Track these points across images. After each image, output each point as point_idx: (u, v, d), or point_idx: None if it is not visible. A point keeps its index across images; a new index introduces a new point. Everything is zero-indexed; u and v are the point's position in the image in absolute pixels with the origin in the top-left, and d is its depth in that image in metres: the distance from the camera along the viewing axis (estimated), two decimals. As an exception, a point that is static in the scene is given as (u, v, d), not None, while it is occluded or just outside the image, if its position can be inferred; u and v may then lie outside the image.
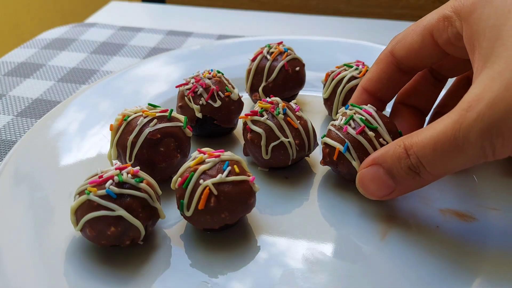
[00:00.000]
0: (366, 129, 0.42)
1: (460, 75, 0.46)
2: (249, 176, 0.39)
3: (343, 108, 0.45)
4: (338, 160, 0.42)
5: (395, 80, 0.45)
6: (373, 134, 0.42)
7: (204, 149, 0.41)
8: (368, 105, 0.44)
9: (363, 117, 0.43)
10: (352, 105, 0.45)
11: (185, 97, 0.50)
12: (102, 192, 0.36)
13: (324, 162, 0.44)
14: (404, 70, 0.44)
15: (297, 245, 0.40)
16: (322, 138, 0.44)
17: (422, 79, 0.47)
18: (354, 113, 0.43)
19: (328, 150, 0.43)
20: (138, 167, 0.39)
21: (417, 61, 0.43)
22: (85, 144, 0.50)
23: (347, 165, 0.42)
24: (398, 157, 0.36)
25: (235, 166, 0.39)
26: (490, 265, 0.37)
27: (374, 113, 0.43)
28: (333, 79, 0.52)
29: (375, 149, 0.41)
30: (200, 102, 0.49)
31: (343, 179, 0.46)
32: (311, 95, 0.60)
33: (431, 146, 0.34)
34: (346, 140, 0.42)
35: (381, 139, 0.42)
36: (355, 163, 0.41)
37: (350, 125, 0.43)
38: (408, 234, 0.40)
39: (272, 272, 0.37)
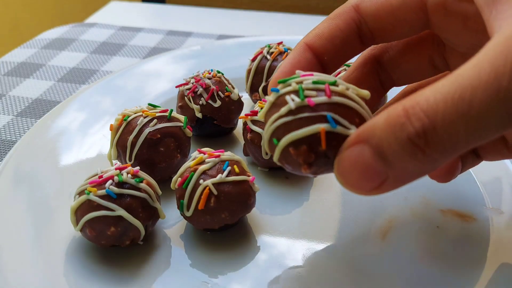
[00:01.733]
0: (332, 87, 0.29)
1: (408, 84, 0.38)
2: (249, 176, 0.39)
3: (268, 96, 0.31)
4: (329, 145, 0.28)
5: (349, 44, 0.34)
6: (344, 87, 0.29)
7: (204, 149, 0.41)
8: (297, 71, 0.32)
9: (313, 79, 0.30)
10: (281, 82, 0.30)
11: (185, 97, 0.50)
12: (102, 192, 0.36)
13: (308, 166, 0.29)
14: (364, 35, 0.34)
15: (297, 245, 0.40)
16: (277, 143, 0.29)
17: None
18: (298, 83, 0.30)
19: (306, 147, 0.28)
20: (138, 167, 0.39)
21: (387, 26, 0.33)
22: (85, 144, 0.50)
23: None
24: (393, 124, 0.24)
25: (235, 166, 0.39)
26: (491, 266, 0.37)
27: (315, 73, 0.31)
28: (333, 79, 0.51)
29: (359, 104, 0.29)
30: (200, 102, 0.49)
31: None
32: (311, 95, 0.59)
33: (452, 98, 0.23)
34: (324, 113, 0.28)
35: (350, 90, 0.30)
36: (353, 131, 0.28)
37: (309, 96, 0.29)
38: (409, 235, 0.40)
39: (272, 272, 0.37)
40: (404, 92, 0.39)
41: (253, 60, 0.56)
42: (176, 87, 0.52)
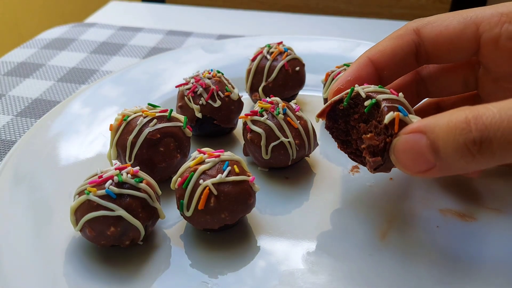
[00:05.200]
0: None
1: (440, 97, 0.45)
2: (249, 176, 0.39)
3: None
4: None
5: (407, 62, 0.40)
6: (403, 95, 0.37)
7: (204, 149, 0.41)
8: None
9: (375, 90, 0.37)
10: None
11: (185, 97, 0.50)
12: (101, 192, 0.36)
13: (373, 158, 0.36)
14: (420, 55, 0.39)
15: (297, 245, 0.40)
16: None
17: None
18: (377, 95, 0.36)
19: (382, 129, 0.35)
20: (137, 167, 0.39)
21: (443, 51, 0.38)
22: (84, 144, 0.50)
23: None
24: (454, 128, 0.29)
25: (235, 166, 0.39)
26: (490, 265, 0.37)
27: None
28: (333, 79, 0.52)
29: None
30: (200, 102, 0.49)
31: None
32: (311, 95, 0.59)
33: None
34: (396, 105, 0.35)
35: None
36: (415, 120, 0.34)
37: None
38: (408, 234, 0.40)
39: (272, 272, 0.37)
40: (429, 103, 0.46)
41: (253, 60, 0.56)
42: (176, 87, 0.52)
